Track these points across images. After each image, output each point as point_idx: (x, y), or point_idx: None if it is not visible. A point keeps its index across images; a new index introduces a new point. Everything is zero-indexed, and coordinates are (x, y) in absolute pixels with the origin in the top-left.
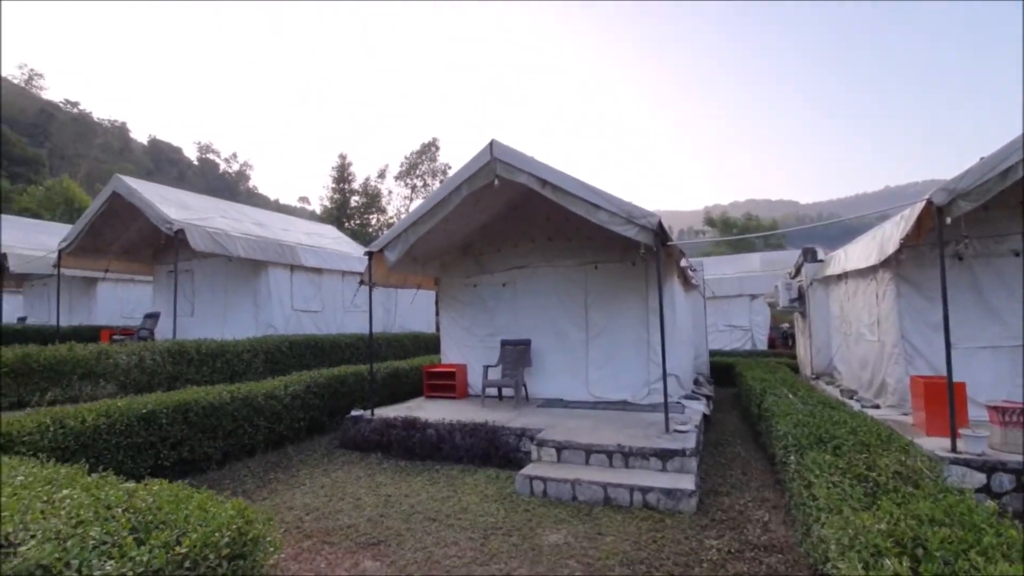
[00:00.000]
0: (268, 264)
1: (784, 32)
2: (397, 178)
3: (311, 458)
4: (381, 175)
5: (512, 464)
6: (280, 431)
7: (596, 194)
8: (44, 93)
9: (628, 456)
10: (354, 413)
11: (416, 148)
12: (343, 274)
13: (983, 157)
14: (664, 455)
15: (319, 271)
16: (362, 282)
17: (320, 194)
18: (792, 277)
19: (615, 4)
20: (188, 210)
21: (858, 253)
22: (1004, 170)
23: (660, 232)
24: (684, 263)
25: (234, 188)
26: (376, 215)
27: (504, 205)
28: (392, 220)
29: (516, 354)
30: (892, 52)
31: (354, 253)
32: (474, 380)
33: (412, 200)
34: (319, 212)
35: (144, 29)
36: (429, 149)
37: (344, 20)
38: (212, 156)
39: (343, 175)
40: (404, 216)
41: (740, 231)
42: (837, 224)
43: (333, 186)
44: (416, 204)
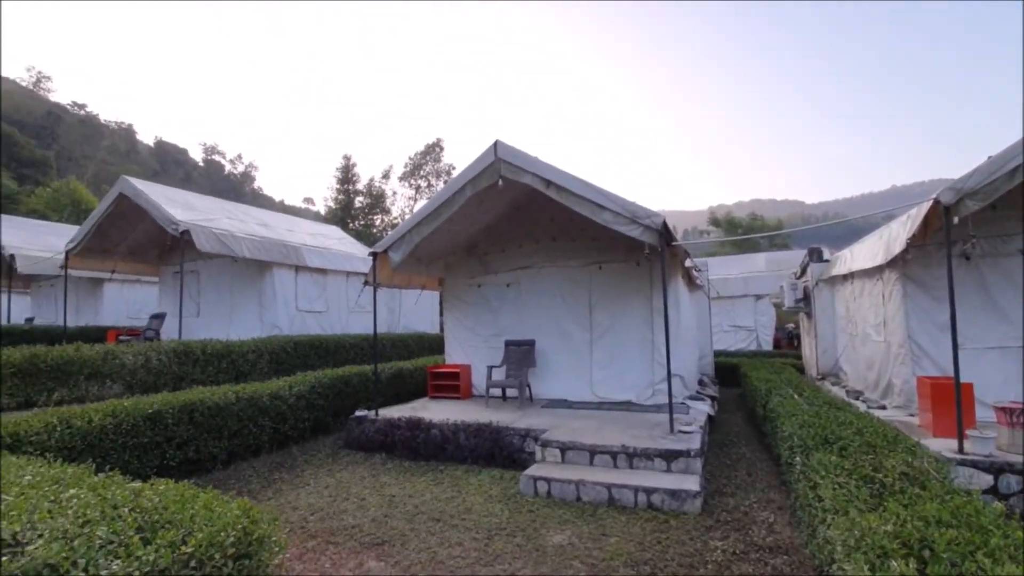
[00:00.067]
0: (273, 265)
1: (785, 32)
2: (401, 179)
3: (315, 458)
4: (385, 176)
5: (516, 465)
6: (285, 431)
7: (600, 194)
8: (52, 95)
9: (632, 457)
10: (358, 413)
11: (420, 149)
12: (347, 275)
13: (991, 156)
14: (669, 456)
15: (324, 272)
16: (366, 283)
17: (324, 195)
18: (797, 277)
19: (615, 4)
20: (194, 211)
21: (864, 253)
22: (1012, 169)
23: (664, 232)
24: (689, 263)
25: (239, 189)
26: (380, 216)
27: (508, 205)
28: (396, 221)
29: (520, 354)
30: (894, 52)
31: (358, 254)
32: (478, 380)
33: (416, 201)
34: (323, 213)
35: (151, 31)
36: (433, 150)
37: (348, 21)
38: (218, 157)
39: (347, 176)
40: (408, 217)
41: (745, 231)
42: (843, 224)
43: (337, 187)
44: (420, 205)
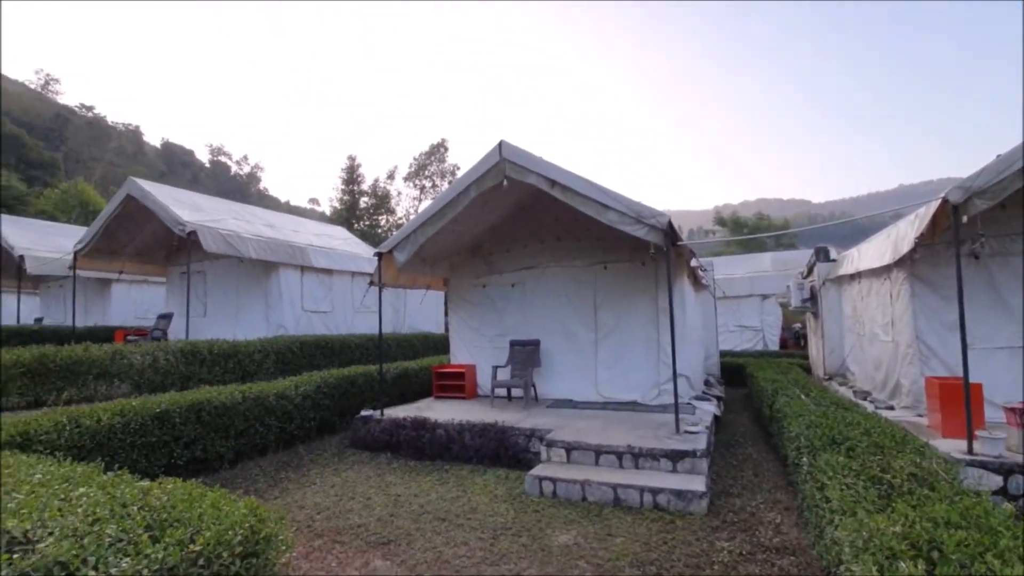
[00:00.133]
0: (279, 265)
1: (788, 32)
2: (406, 179)
3: (322, 458)
4: (390, 176)
5: (522, 464)
6: (291, 431)
7: (605, 194)
8: (60, 98)
9: (638, 457)
10: (364, 413)
11: (425, 149)
12: (353, 275)
13: (999, 154)
14: (675, 456)
15: (329, 272)
16: (372, 283)
17: (330, 195)
18: (804, 277)
19: (615, 4)
20: (200, 212)
21: (871, 252)
22: (1021, 167)
23: (670, 232)
24: (694, 263)
25: (245, 190)
26: (385, 216)
27: (513, 206)
28: (401, 221)
29: (525, 354)
30: (895, 51)
31: (364, 254)
32: (483, 380)
33: (421, 201)
34: (329, 213)
35: (157, 33)
36: (438, 150)
37: (352, 22)
38: (224, 158)
39: (352, 176)
40: (413, 217)
41: (751, 231)
42: (850, 223)
43: (343, 187)
44: (425, 205)
